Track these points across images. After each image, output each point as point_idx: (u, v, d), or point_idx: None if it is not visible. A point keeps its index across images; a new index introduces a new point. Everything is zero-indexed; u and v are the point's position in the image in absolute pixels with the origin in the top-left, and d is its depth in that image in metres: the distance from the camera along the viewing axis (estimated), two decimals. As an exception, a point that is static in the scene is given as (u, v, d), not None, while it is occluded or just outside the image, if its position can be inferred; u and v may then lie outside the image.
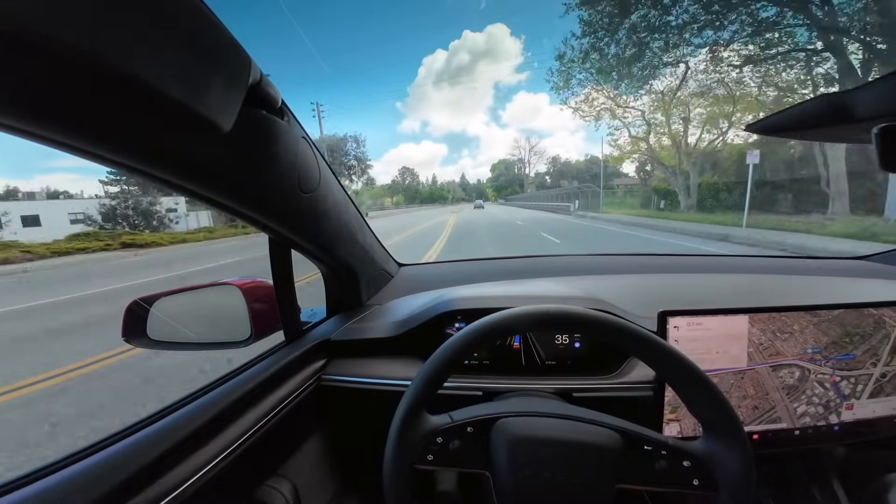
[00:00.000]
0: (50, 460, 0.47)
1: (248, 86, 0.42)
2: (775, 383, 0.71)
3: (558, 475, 0.47)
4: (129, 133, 0.36)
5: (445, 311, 0.88)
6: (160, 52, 0.31)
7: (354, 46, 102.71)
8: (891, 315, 0.72)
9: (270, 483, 0.72)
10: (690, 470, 0.47)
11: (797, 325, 0.71)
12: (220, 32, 0.37)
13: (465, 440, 0.50)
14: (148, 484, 0.47)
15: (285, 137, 0.55)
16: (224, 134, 0.41)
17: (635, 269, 1.35)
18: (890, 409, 0.73)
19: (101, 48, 0.27)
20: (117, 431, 0.53)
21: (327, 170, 0.74)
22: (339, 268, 0.97)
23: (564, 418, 0.52)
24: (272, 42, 75.22)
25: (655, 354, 0.49)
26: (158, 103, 0.34)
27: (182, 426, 0.55)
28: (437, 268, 1.47)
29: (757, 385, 0.71)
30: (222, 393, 0.63)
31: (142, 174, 0.42)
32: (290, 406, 0.74)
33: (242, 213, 0.60)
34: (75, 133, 0.34)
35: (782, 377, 0.71)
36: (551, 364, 0.85)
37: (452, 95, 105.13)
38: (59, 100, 0.30)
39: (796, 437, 0.72)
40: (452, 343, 0.51)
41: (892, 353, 0.72)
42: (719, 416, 0.47)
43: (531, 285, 1.14)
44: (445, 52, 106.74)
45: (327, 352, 0.90)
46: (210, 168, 0.47)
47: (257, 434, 0.64)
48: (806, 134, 0.56)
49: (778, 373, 0.71)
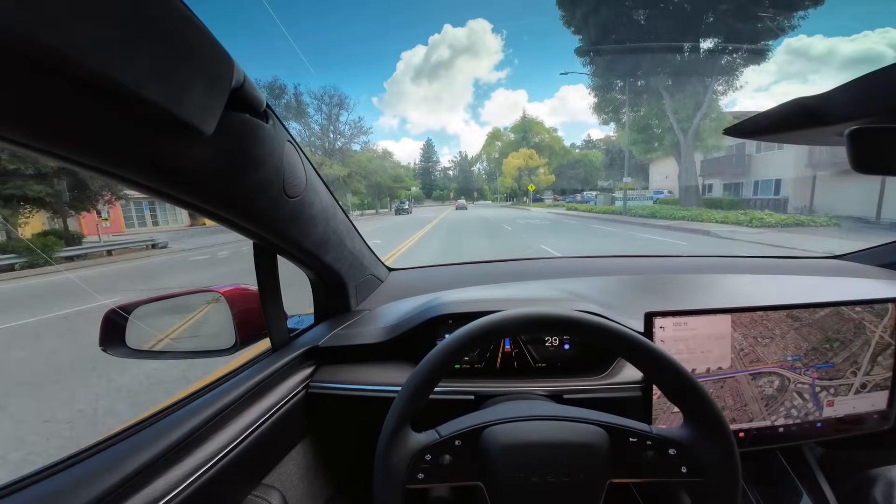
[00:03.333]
0: (19, 475, 0.45)
1: (231, 88, 0.41)
2: (754, 393, 0.72)
3: (550, 477, 0.47)
4: (106, 137, 0.35)
5: (436, 315, 0.87)
6: (138, 53, 0.31)
7: (334, 37, 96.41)
8: (871, 320, 0.73)
9: (258, 493, 0.70)
10: (677, 458, 0.48)
11: (779, 329, 0.71)
12: (202, 33, 0.36)
13: (455, 454, 0.50)
14: (124, 499, 0.46)
15: (270, 141, 0.54)
16: (206, 138, 0.40)
17: (622, 270, 1.37)
18: (869, 405, 0.75)
19: (76, 49, 0.27)
20: (92, 445, 0.51)
21: (314, 174, 0.73)
22: (327, 273, 0.96)
23: (550, 419, 0.52)
24: (250, 38, 73.57)
25: (634, 351, 0.50)
26: (137, 107, 0.33)
27: (161, 438, 0.53)
28: (427, 272, 1.47)
29: (736, 395, 0.72)
30: (205, 403, 0.62)
31: (121, 179, 0.41)
32: (278, 415, 0.72)
33: (227, 219, 0.58)
34: (49, 137, 0.32)
35: (762, 386, 0.72)
36: (542, 366, 0.86)
37: (431, 92, 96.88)
38: (32, 102, 0.29)
39: (780, 433, 0.73)
40: (435, 354, 0.51)
41: (872, 360, 0.73)
42: (700, 407, 0.49)
43: (521, 288, 1.14)
44: (425, 48, 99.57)
45: (315, 359, 0.89)
46: (192, 173, 0.46)
47: (243, 444, 0.63)
48: (781, 137, 0.58)
49: (757, 381, 0.72)
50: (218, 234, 13.89)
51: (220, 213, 0.56)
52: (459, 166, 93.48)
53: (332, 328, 0.96)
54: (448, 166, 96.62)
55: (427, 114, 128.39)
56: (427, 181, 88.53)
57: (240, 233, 0.65)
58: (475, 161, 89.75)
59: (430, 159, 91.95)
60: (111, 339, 0.74)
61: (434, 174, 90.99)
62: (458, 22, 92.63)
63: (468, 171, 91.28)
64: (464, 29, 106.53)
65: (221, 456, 0.58)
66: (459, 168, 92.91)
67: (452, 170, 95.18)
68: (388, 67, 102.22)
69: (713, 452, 0.48)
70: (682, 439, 0.49)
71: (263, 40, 63.92)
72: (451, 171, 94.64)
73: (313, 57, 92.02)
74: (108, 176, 0.40)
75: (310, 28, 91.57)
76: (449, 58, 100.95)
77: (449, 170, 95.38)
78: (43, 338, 4.32)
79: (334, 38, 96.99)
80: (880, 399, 0.75)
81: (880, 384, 0.75)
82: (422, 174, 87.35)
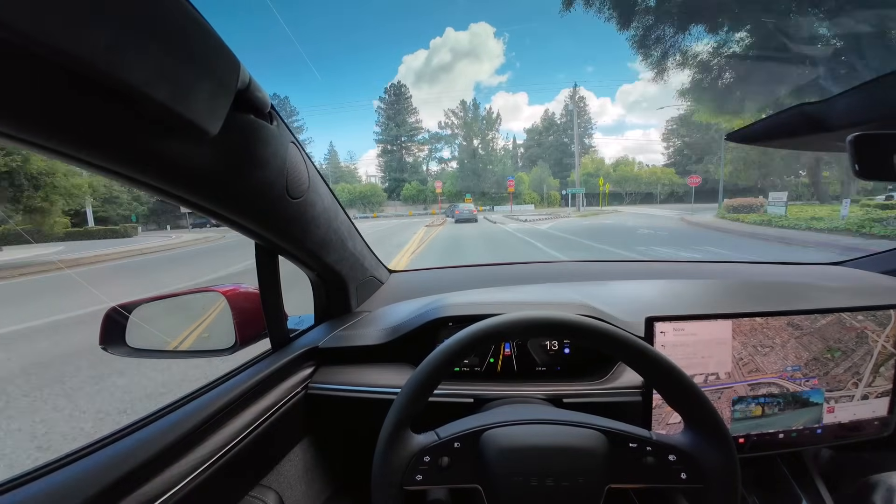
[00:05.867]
0: (19, 472, 0.45)
1: (237, 90, 0.42)
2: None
3: (548, 481, 0.47)
4: (113, 137, 0.36)
5: (436, 317, 0.87)
6: (146, 55, 0.31)
7: (337, 42, 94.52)
8: (873, 329, 0.72)
9: (255, 494, 0.70)
10: (677, 464, 0.48)
11: (779, 338, 0.71)
12: (209, 35, 0.37)
13: (454, 456, 0.50)
14: (122, 497, 0.45)
15: (274, 142, 0.54)
16: (211, 139, 0.40)
17: (624, 275, 1.37)
18: (870, 411, 0.75)
19: (85, 50, 0.27)
20: (92, 442, 0.51)
21: (317, 175, 0.73)
22: (328, 274, 0.96)
23: (549, 423, 0.52)
24: (259, 44, 73.19)
25: (635, 356, 0.50)
26: (144, 107, 0.33)
27: (159, 438, 0.53)
28: (428, 274, 1.47)
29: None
30: (204, 402, 0.62)
31: (127, 179, 0.41)
32: (277, 415, 0.72)
33: (229, 219, 0.59)
34: (58, 137, 0.33)
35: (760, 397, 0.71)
36: (542, 370, 0.85)
37: (432, 95, 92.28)
38: (41, 102, 0.29)
39: (780, 440, 0.73)
40: (436, 356, 0.51)
41: (875, 371, 0.72)
42: (701, 413, 0.49)
43: (522, 291, 1.14)
44: (426, 51, 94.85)
45: (315, 360, 0.89)
46: (197, 173, 0.46)
47: (241, 444, 0.62)
48: (783, 143, 0.58)
49: (756, 392, 0.71)
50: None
51: (223, 213, 0.56)
52: (465, 130, 48.85)
53: (332, 329, 0.95)
54: (441, 130, 50.81)
55: (426, 116, 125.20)
56: (393, 165, 49.87)
57: (242, 232, 0.65)
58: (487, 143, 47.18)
59: (398, 114, 49.93)
60: (111, 338, 0.74)
61: (406, 147, 51.09)
62: (461, 25, 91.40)
63: (489, 151, 48.01)
64: (466, 32, 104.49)
65: (219, 456, 0.58)
66: (464, 138, 49.18)
67: (450, 137, 51.15)
68: (390, 71, 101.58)
69: (713, 459, 0.47)
70: (682, 445, 0.49)
71: (267, 43, 64.16)
72: (451, 145, 51.13)
73: (318, 62, 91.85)
74: (114, 175, 0.40)
75: (313, 32, 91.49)
76: (450, 61, 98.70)
77: (442, 142, 51.61)
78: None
79: (337, 43, 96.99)
80: (881, 406, 0.75)
81: (881, 393, 0.75)
82: (386, 152, 48.55)
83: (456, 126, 51.64)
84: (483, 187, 46.26)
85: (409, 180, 49.19)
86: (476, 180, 46.63)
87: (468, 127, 49.12)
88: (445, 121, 51.81)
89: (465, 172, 47.86)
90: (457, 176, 48.66)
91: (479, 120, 49.33)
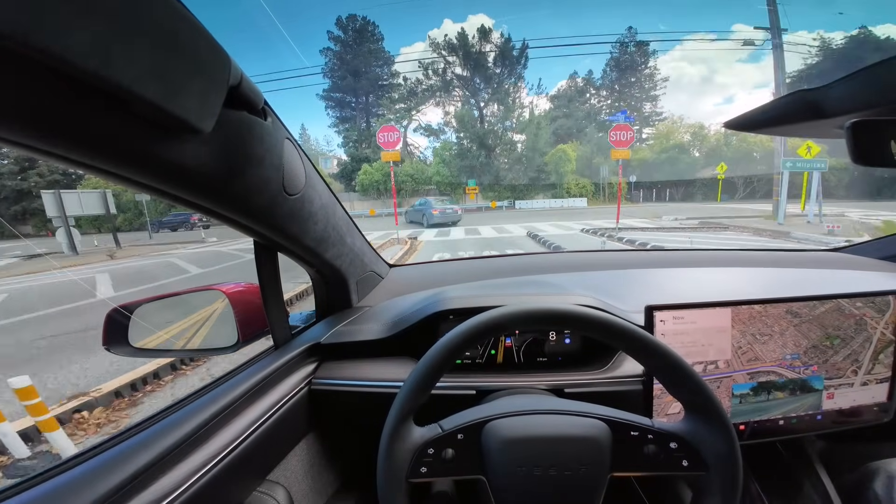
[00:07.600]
0: (28, 475, 0.45)
1: (229, 87, 0.41)
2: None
3: (551, 470, 0.48)
4: (105, 137, 0.35)
5: (437, 310, 0.87)
6: (135, 52, 0.30)
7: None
8: (872, 315, 0.72)
9: (263, 489, 0.71)
10: (678, 452, 0.49)
11: (778, 325, 0.71)
12: (199, 32, 0.36)
13: (457, 448, 0.50)
14: (131, 496, 0.46)
15: (269, 139, 0.54)
16: (204, 136, 0.40)
17: (623, 264, 1.37)
18: (869, 397, 0.76)
19: (73, 49, 0.26)
20: (99, 443, 0.51)
21: (313, 171, 0.73)
22: (328, 270, 0.96)
23: (551, 413, 0.52)
24: (245, 34, 69.21)
25: (635, 345, 0.51)
26: (135, 106, 0.33)
27: (167, 436, 0.53)
28: (428, 268, 1.47)
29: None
30: (208, 401, 0.62)
31: (120, 178, 0.41)
32: (281, 411, 0.73)
33: (227, 217, 0.58)
34: (48, 137, 0.32)
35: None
36: (543, 361, 0.86)
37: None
38: (30, 103, 0.29)
39: (780, 426, 0.74)
40: (437, 349, 0.51)
41: (874, 359, 0.73)
42: (701, 400, 0.49)
43: (521, 283, 1.14)
44: (423, 44, 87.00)
45: (318, 355, 0.89)
46: (191, 171, 0.46)
47: (247, 441, 0.63)
48: (781, 130, 0.58)
49: (755, 381, 0.72)
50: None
51: (220, 212, 0.56)
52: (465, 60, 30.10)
53: (333, 325, 0.96)
54: (422, 79, 32.47)
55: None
56: (353, 138, 33.60)
57: (240, 231, 0.65)
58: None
59: (358, 57, 33.45)
60: (114, 339, 0.74)
61: (371, 109, 34.83)
62: (459, 17, 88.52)
63: (509, 106, 30.16)
64: (464, 24, 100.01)
65: (226, 453, 0.59)
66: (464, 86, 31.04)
67: (439, 88, 32.27)
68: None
69: (714, 446, 0.48)
70: (683, 433, 0.49)
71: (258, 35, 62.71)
72: (443, 103, 32.94)
73: (316, 58, 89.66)
74: (107, 175, 0.40)
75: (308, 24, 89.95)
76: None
77: (428, 100, 33.21)
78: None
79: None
80: (880, 391, 0.76)
81: (881, 379, 0.75)
82: (342, 120, 33.28)
83: (450, 63, 30.21)
84: (498, 169, 28.30)
85: (374, 160, 28.68)
86: (486, 158, 27.92)
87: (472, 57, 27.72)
88: (432, 65, 28.96)
89: (469, 145, 28.18)
90: (452, 153, 28.76)
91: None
